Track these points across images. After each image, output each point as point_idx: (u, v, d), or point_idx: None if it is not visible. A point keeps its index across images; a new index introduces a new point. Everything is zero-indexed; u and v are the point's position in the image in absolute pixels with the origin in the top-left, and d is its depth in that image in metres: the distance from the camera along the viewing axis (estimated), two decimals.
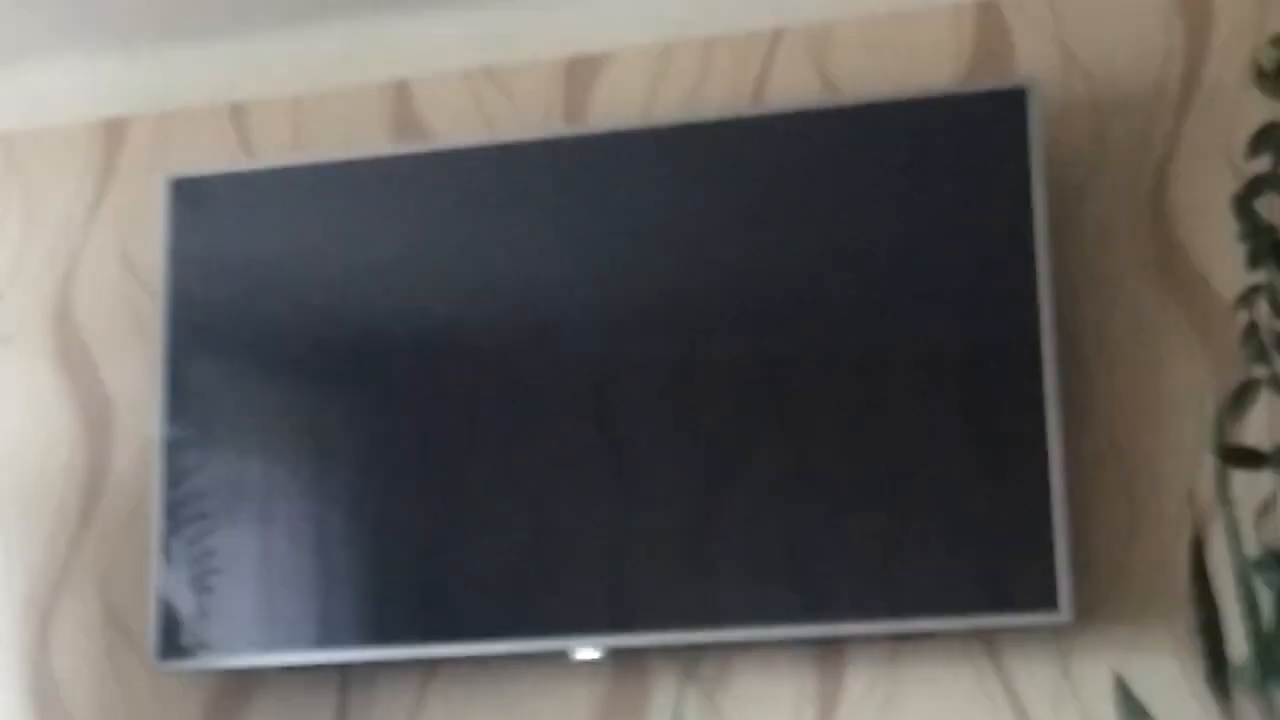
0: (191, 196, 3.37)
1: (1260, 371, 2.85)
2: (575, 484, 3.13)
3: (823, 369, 3.09)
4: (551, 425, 3.17)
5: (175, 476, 3.28)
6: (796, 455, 3.07)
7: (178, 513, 3.26)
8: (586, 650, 3.09)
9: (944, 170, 3.06)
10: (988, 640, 3.02)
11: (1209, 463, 2.93)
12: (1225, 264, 2.99)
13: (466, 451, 3.19)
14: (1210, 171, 3.06)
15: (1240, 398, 2.85)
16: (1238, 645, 2.79)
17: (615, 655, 3.12)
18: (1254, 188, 2.87)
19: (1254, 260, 2.85)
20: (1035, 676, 3.01)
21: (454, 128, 3.42)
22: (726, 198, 3.15)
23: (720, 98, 3.30)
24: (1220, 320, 2.99)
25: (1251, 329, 2.84)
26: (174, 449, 3.28)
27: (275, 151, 3.49)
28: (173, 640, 3.23)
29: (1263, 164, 2.88)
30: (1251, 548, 2.80)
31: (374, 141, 3.44)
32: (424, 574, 3.19)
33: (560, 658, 3.12)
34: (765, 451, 3.07)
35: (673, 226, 3.17)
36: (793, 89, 3.26)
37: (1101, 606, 2.98)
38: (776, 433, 3.08)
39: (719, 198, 3.15)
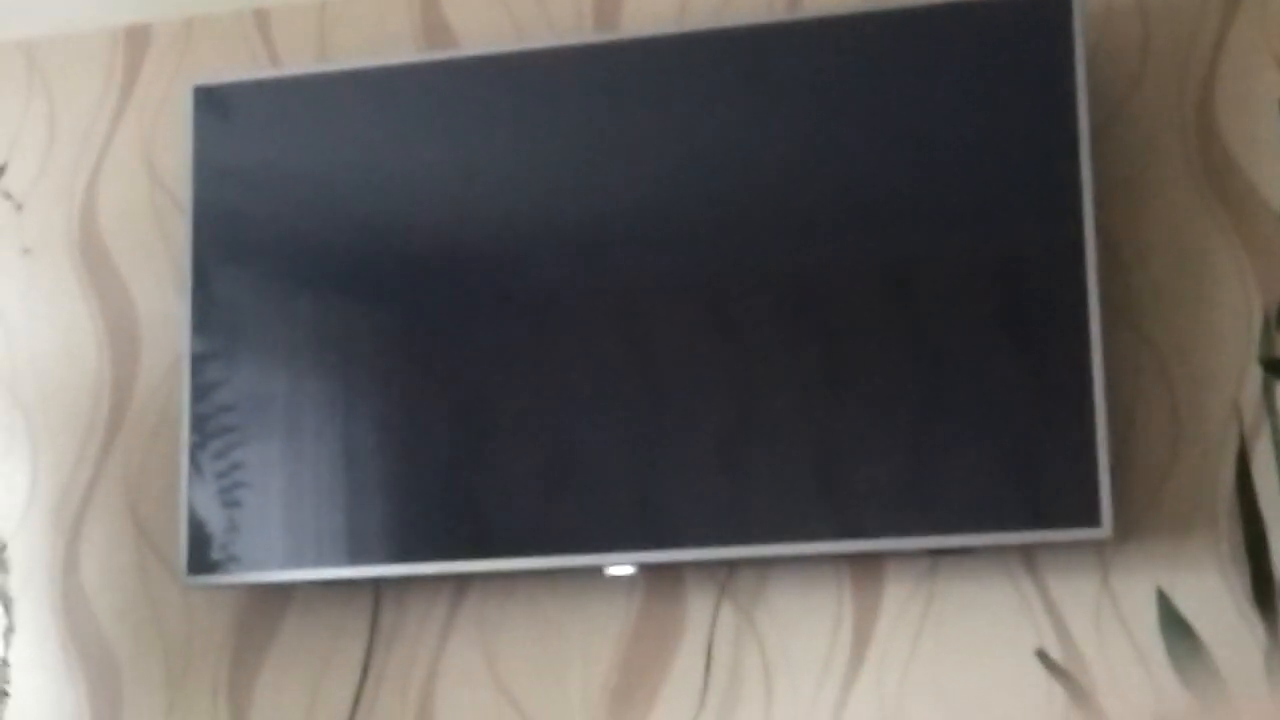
0: (216, 105, 3.33)
1: None
2: (608, 398, 3.10)
3: (859, 280, 3.05)
4: (583, 338, 3.13)
5: (202, 389, 3.25)
6: (833, 367, 3.03)
7: (205, 426, 3.24)
8: (620, 566, 3.06)
9: (986, 76, 3.01)
10: (1027, 555, 2.99)
11: (1255, 375, 2.89)
12: (1273, 172, 2.95)
13: (498, 364, 3.16)
14: (1258, 77, 3.00)
15: None
16: None
17: (649, 571, 3.10)
18: None
19: None
20: (1076, 592, 2.97)
21: (483, 34, 3.36)
22: (761, 106, 3.10)
23: (755, 3, 3.23)
24: (1267, 230, 2.95)
25: None
26: (201, 362, 3.26)
27: (300, 59, 3.45)
28: (202, 555, 3.21)
29: None
30: None
31: (401, 48, 3.39)
32: (456, 489, 3.16)
33: (593, 574, 3.10)
34: (801, 364, 3.04)
35: (705, 135, 3.12)
36: None
37: (1143, 521, 2.95)
38: (812, 344, 3.04)
39: (753, 106, 3.10)
